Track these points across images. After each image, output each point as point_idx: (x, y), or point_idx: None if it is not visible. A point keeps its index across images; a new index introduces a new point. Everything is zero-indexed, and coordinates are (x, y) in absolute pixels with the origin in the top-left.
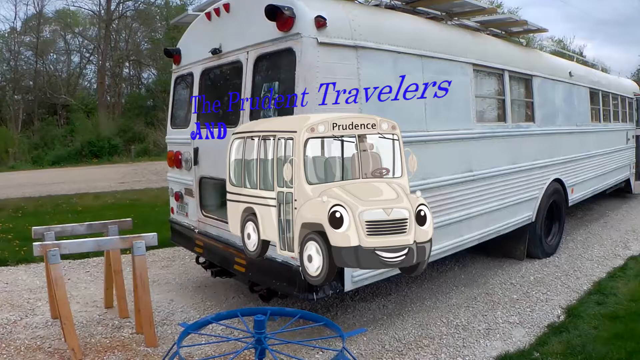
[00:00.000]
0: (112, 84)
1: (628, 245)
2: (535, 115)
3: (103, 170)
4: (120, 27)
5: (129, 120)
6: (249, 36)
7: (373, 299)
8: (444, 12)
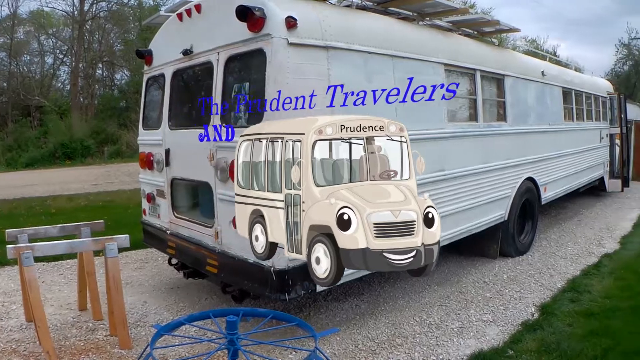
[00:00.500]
0: (85, 86)
1: (602, 242)
2: (507, 115)
3: (76, 172)
4: (93, 28)
5: (102, 122)
6: (220, 37)
7: (346, 298)
8: (416, 12)
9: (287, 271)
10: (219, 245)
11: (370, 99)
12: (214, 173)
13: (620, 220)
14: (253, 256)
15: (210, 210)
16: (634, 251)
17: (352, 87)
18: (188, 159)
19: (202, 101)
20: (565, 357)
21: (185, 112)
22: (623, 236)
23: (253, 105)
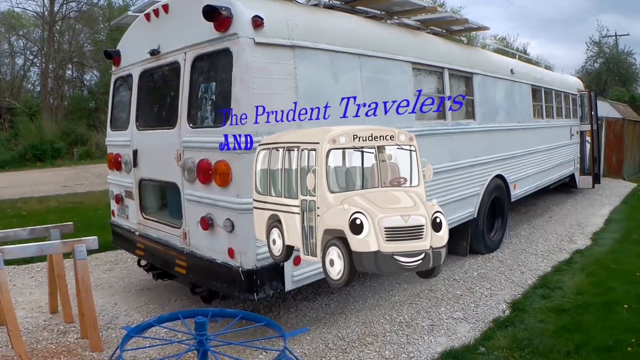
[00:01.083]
0: (55, 87)
1: (574, 239)
2: (475, 113)
3: (47, 173)
4: (63, 29)
5: (72, 123)
6: (187, 37)
7: (315, 298)
8: (384, 11)
9: (256, 271)
10: (187, 246)
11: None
12: (181, 173)
13: (592, 216)
14: (221, 256)
15: (178, 210)
16: (606, 247)
17: (318, 86)
18: (156, 159)
19: (169, 101)
20: (537, 353)
21: (152, 113)
22: (594, 232)
23: (220, 105)
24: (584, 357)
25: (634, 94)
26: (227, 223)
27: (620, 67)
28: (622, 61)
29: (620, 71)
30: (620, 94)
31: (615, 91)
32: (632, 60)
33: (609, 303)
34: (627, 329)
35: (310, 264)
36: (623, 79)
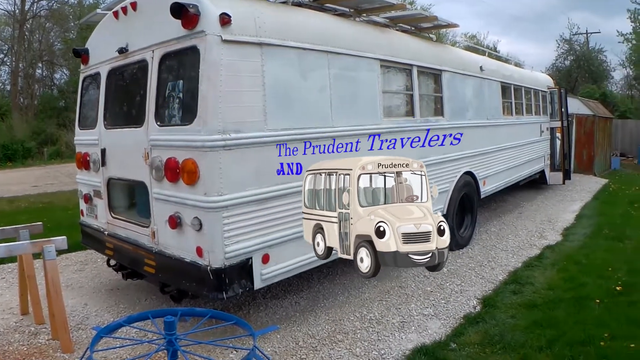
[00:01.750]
0: (26, 86)
1: (544, 234)
2: (444, 110)
3: (17, 174)
4: (34, 27)
5: (42, 122)
6: (155, 35)
7: (285, 296)
8: (352, 8)
9: (224, 270)
10: (155, 245)
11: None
12: (149, 172)
13: (562, 212)
14: (190, 255)
15: (147, 209)
16: (577, 242)
17: (285, 84)
18: (123, 158)
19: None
20: (509, 348)
21: (120, 111)
22: (565, 228)
23: (187, 103)
24: (557, 352)
25: (604, 91)
26: (195, 222)
27: (591, 65)
28: (592, 59)
29: (591, 68)
30: (591, 91)
31: (586, 88)
32: (603, 58)
33: (581, 298)
34: (599, 323)
35: (278, 262)
36: (594, 76)
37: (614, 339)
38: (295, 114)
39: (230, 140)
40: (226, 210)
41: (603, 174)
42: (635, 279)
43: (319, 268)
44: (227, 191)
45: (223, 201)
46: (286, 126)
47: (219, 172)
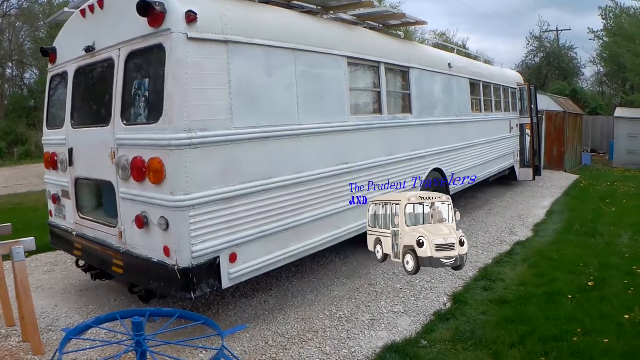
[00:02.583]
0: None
1: (514, 230)
2: (412, 107)
3: None
4: (3, 27)
5: (12, 122)
6: (121, 33)
7: (254, 294)
8: (320, 5)
9: (191, 269)
10: (123, 245)
11: (270, 92)
12: (116, 171)
13: (533, 208)
14: (157, 255)
15: (114, 209)
16: (547, 238)
17: (251, 81)
18: (90, 158)
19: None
20: (480, 344)
21: (87, 111)
22: (535, 224)
23: (153, 101)
24: (529, 348)
25: (575, 88)
26: (161, 221)
27: (561, 62)
28: (563, 55)
29: (561, 65)
30: (561, 87)
31: (556, 85)
32: (573, 55)
33: (552, 293)
34: (571, 319)
35: (246, 260)
36: (564, 72)
37: (587, 334)
38: (261, 112)
39: (196, 138)
40: (192, 209)
41: (573, 170)
42: (606, 273)
43: (287, 266)
44: (193, 190)
45: (189, 200)
46: (252, 124)
47: (184, 170)
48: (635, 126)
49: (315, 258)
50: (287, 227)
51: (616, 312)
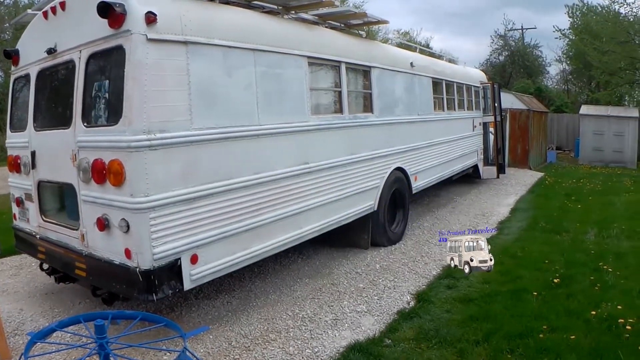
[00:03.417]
0: None
1: (478, 228)
2: (373, 106)
3: None
4: None
5: None
6: (83, 35)
7: (217, 296)
8: (281, 5)
9: (153, 271)
10: (85, 248)
11: (230, 93)
12: (77, 174)
13: (497, 206)
14: (119, 257)
15: (76, 212)
16: (512, 236)
17: (211, 82)
18: (53, 160)
19: (65, 101)
20: (445, 343)
21: (50, 113)
22: (500, 221)
23: (113, 103)
24: (494, 345)
25: (539, 86)
26: (122, 223)
27: (526, 60)
28: (528, 54)
29: (525, 64)
30: (526, 85)
31: (521, 83)
32: (539, 53)
33: (518, 291)
34: (537, 316)
35: (207, 262)
36: (529, 71)
37: (553, 331)
38: (221, 113)
39: (155, 140)
40: (153, 211)
41: (539, 168)
42: (573, 270)
43: (250, 267)
44: (154, 192)
45: (149, 202)
46: (212, 125)
47: (144, 172)
48: (601, 124)
49: (278, 258)
50: (249, 228)
51: (583, 308)
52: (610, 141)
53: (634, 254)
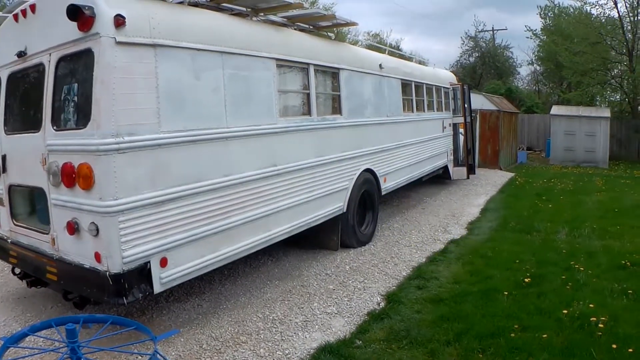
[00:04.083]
0: None
1: (448, 229)
2: (342, 108)
3: None
4: None
5: None
6: (53, 38)
7: (187, 299)
8: (249, 8)
9: (123, 275)
10: (56, 252)
11: (198, 96)
12: (47, 178)
13: (467, 206)
14: (89, 261)
15: (46, 216)
16: (482, 236)
17: (179, 85)
18: (23, 164)
19: (34, 104)
20: (415, 343)
21: (20, 117)
22: (470, 222)
23: (82, 106)
24: (465, 345)
25: (510, 87)
26: (92, 227)
27: (497, 61)
28: (498, 55)
29: (496, 65)
30: (496, 86)
31: (491, 84)
32: (509, 54)
33: (489, 291)
34: (508, 315)
35: (177, 265)
36: (499, 72)
37: (525, 330)
38: (190, 116)
39: (124, 143)
40: (122, 215)
41: (509, 168)
42: (544, 270)
43: (220, 270)
44: (123, 195)
45: (118, 205)
46: (180, 128)
47: (113, 176)
48: (573, 124)
49: (248, 261)
50: (218, 231)
51: (554, 307)
52: (582, 141)
53: (605, 253)
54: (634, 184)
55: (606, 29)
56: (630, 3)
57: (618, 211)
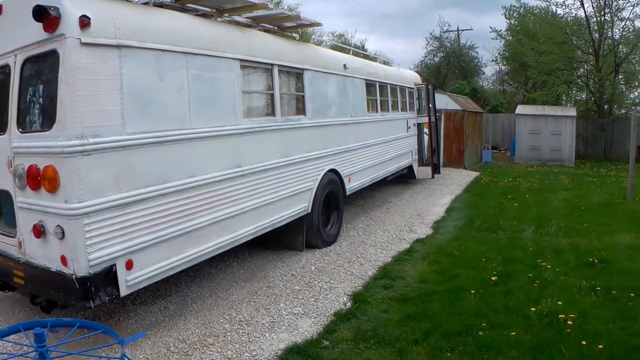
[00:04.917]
0: None
1: (413, 228)
2: (306, 108)
3: None
4: None
5: None
6: (19, 39)
7: (154, 301)
8: (214, 8)
9: (89, 278)
10: (23, 256)
11: (161, 96)
12: (13, 180)
13: (432, 205)
14: (55, 265)
15: (12, 219)
16: (448, 235)
17: (143, 85)
18: None
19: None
20: (383, 343)
21: None
22: (435, 221)
23: (47, 108)
24: (433, 344)
25: (475, 87)
26: (57, 230)
27: (462, 61)
28: (463, 55)
29: (461, 65)
30: (461, 86)
31: (456, 84)
32: (474, 54)
33: (455, 289)
34: (476, 314)
35: (143, 267)
36: (464, 72)
37: (493, 328)
38: (154, 117)
39: (88, 145)
40: (87, 217)
41: (474, 167)
42: (511, 268)
43: (186, 271)
44: (88, 197)
45: (83, 208)
46: (145, 129)
47: (78, 178)
48: (538, 123)
49: (213, 262)
50: (183, 232)
51: (522, 305)
52: (547, 140)
53: (572, 251)
54: (600, 182)
55: (572, 28)
56: (597, 4)
57: (585, 209)
